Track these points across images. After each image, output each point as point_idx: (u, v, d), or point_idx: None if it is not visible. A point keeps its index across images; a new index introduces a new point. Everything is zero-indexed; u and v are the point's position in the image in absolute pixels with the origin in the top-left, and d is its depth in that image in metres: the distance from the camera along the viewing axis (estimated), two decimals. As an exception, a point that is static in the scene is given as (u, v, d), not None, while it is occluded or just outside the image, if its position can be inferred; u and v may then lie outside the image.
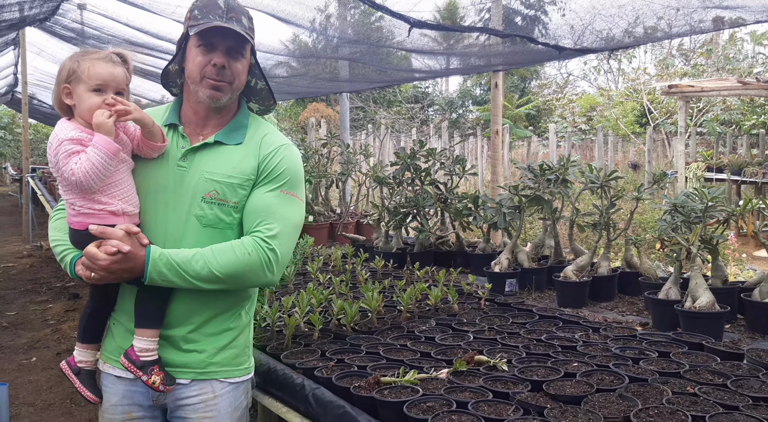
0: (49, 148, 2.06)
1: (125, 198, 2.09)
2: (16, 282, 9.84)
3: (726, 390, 2.41)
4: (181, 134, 2.22)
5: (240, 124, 2.27)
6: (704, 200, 3.49)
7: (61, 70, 2.12)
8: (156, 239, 2.12)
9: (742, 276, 6.98)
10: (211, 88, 2.14)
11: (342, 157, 7.27)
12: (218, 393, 2.22)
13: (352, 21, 6.19)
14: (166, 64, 2.32)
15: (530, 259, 4.50)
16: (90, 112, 2.07)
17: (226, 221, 2.16)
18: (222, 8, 2.11)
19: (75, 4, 6.97)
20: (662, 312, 3.49)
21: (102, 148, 1.99)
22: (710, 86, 14.41)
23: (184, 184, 2.16)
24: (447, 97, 37.31)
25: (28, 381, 5.72)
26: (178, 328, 2.17)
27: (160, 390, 2.09)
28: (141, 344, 2.11)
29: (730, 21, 4.44)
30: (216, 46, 2.12)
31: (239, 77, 2.19)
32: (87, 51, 2.16)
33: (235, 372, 2.27)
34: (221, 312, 2.22)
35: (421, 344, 3.05)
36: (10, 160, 26.73)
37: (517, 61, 6.89)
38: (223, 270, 2.06)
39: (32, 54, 12.55)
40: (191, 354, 2.19)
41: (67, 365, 2.27)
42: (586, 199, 12.16)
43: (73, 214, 2.08)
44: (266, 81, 2.34)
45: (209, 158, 2.18)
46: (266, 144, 2.24)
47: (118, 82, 2.11)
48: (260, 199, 2.17)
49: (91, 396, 2.24)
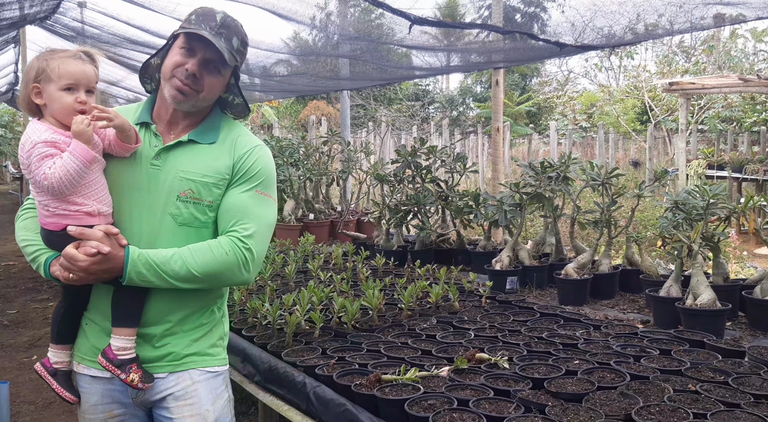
0: (21, 149, 2.03)
1: (99, 198, 2.08)
2: (17, 280, 9.84)
3: (727, 388, 2.41)
4: (154, 132, 2.22)
5: (213, 125, 2.27)
6: (705, 197, 3.48)
7: (28, 70, 2.10)
8: (131, 238, 2.12)
9: (744, 273, 6.97)
10: (176, 90, 2.13)
11: (343, 155, 7.27)
12: (197, 380, 2.23)
13: (352, 19, 6.18)
14: (148, 57, 2.32)
15: (531, 257, 4.50)
16: (63, 110, 2.05)
17: (201, 220, 2.18)
18: (216, 22, 2.12)
19: (75, 3, 6.96)
20: (663, 309, 3.48)
21: (79, 156, 1.97)
22: (711, 83, 14.38)
23: (158, 182, 2.16)
24: (448, 95, 37.28)
25: (29, 380, 5.72)
26: (155, 326, 2.18)
27: (139, 387, 2.09)
28: (118, 343, 2.11)
29: (731, 18, 4.43)
30: (195, 54, 2.12)
31: (210, 91, 2.18)
32: (54, 49, 2.14)
33: (212, 361, 2.29)
34: (196, 310, 2.24)
35: (422, 342, 3.05)
36: (11, 159, 26.71)
37: (517, 58, 6.88)
38: (201, 269, 2.08)
39: (33, 52, 12.54)
40: (166, 348, 2.20)
41: (42, 366, 2.26)
42: (587, 196, 12.14)
43: (47, 215, 2.06)
44: (243, 98, 2.36)
45: (184, 157, 2.19)
46: (240, 144, 2.25)
47: (89, 79, 2.10)
48: (236, 198, 2.19)
49: (70, 396, 2.24)
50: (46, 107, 2.08)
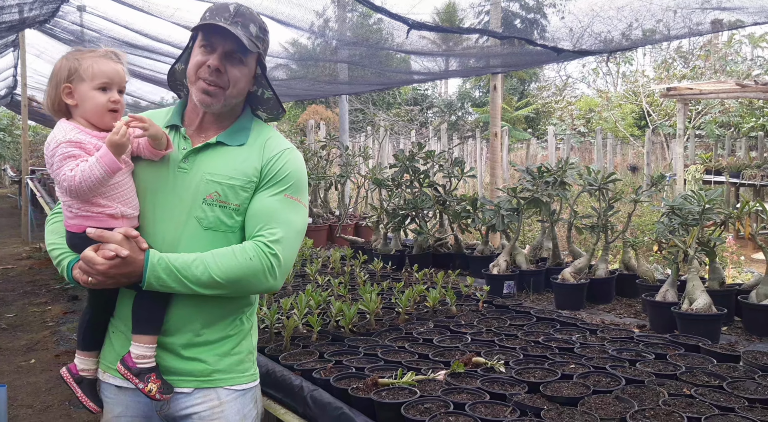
0: (47, 149, 2.01)
1: (125, 200, 2.05)
2: (15, 283, 9.84)
3: (722, 392, 2.42)
4: (183, 135, 2.18)
5: (243, 126, 2.22)
6: (701, 203, 3.50)
7: (58, 70, 2.06)
8: (154, 242, 2.08)
9: (741, 278, 6.98)
10: (203, 92, 2.10)
11: (341, 159, 7.29)
12: (224, 400, 2.15)
13: (350, 23, 6.20)
14: (172, 64, 2.29)
15: (528, 261, 4.51)
16: (95, 110, 2.03)
17: (228, 224, 2.11)
18: (230, 12, 2.08)
19: (75, 6, 6.98)
20: (659, 314, 3.50)
21: (104, 165, 1.93)
22: (709, 89, 14.42)
23: (185, 185, 2.11)
24: (446, 99, 37.33)
25: (26, 383, 5.72)
26: (178, 335, 2.11)
27: (157, 398, 2.02)
28: (138, 350, 2.05)
29: (729, 23, 4.45)
30: (215, 48, 2.08)
31: (236, 85, 2.13)
32: (81, 49, 2.11)
33: (240, 378, 2.21)
34: (221, 319, 2.16)
35: (419, 346, 3.06)
36: (10, 162, 26.71)
37: (515, 63, 6.90)
38: (223, 275, 2.01)
39: (32, 56, 12.57)
40: (193, 363, 2.12)
41: (68, 372, 2.21)
42: (584, 201, 12.17)
43: (71, 217, 2.03)
44: (273, 90, 2.29)
45: (210, 159, 2.14)
46: (270, 147, 2.19)
47: (121, 78, 2.08)
48: (263, 202, 2.12)
49: (93, 405, 2.19)
50: (77, 107, 2.05)
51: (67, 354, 6.43)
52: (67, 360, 6.27)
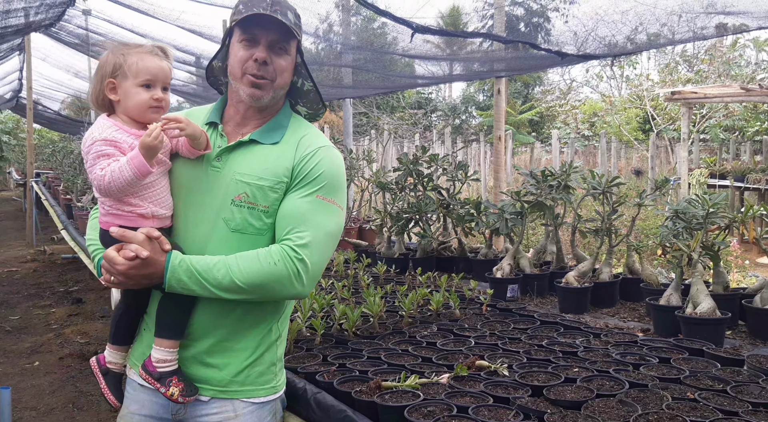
0: (84, 145, 1.99)
1: (157, 200, 2.02)
2: (20, 286, 9.87)
3: (726, 396, 2.41)
4: (220, 133, 2.13)
5: (279, 124, 2.15)
6: (705, 206, 3.50)
7: (104, 65, 2.03)
8: (183, 242, 2.05)
9: (745, 282, 6.98)
10: (252, 86, 2.04)
11: (345, 163, 7.29)
12: (240, 413, 2.09)
13: (355, 28, 6.22)
14: (209, 60, 2.25)
15: (532, 265, 4.51)
16: (138, 107, 2.01)
17: (256, 226, 2.04)
18: (267, 2, 2.01)
19: (80, 10, 7.02)
20: (663, 318, 3.49)
21: (134, 168, 1.90)
22: (713, 92, 14.40)
23: (216, 185, 2.06)
24: (450, 103, 37.35)
25: (30, 386, 5.73)
26: (201, 341, 2.07)
27: (179, 401, 2.01)
28: (158, 354, 2.02)
29: (733, 27, 4.46)
30: (258, 40, 2.03)
31: (282, 75, 2.08)
32: (128, 44, 2.08)
33: (258, 391, 2.13)
34: (248, 327, 2.09)
35: (423, 349, 3.06)
36: (15, 165, 26.78)
37: (519, 67, 6.92)
38: (245, 279, 1.93)
39: (37, 59, 12.63)
40: (212, 370, 2.07)
41: (97, 362, 2.20)
42: (588, 205, 12.15)
43: (103, 214, 2.02)
44: (314, 82, 2.23)
45: (242, 158, 2.07)
46: (304, 145, 2.10)
47: (165, 76, 2.05)
48: (293, 204, 2.03)
49: (113, 399, 2.18)
50: (120, 103, 2.03)
51: (71, 356, 6.45)
52: (71, 362, 6.29)
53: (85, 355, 6.38)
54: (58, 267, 11.23)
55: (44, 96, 16.49)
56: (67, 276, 10.45)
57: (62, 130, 22.71)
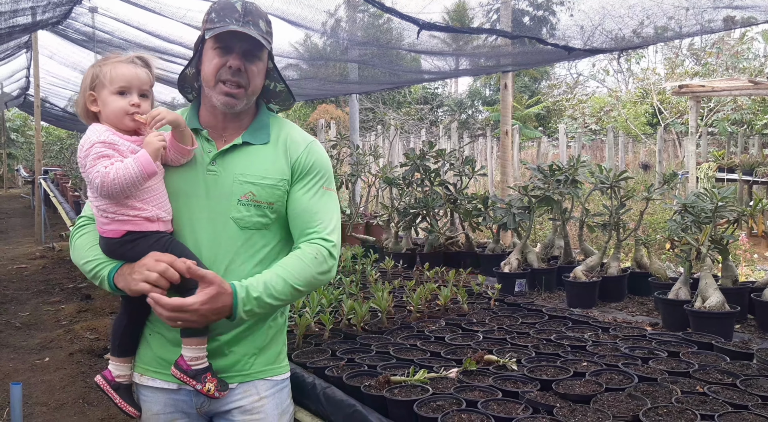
0: (80, 150, 2.01)
1: (158, 204, 2.05)
2: (29, 283, 9.92)
3: (735, 390, 2.41)
4: (206, 138, 2.19)
5: (263, 123, 2.26)
6: (714, 200, 3.49)
7: (84, 79, 2.09)
8: (192, 246, 2.10)
9: (754, 276, 6.95)
10: (226, 95, 2.11)
11: (351, 159, 7.29)
12: (263, 395, 2.22)
13: (361, 24, 6.21)
14: (183, 68, 2.29)
15: (540, 260, 4.51)
16: (115, 114, 2.03)
17: (263, 222, 2.16)
18: (239, 12, 2.08)
19: (87, 8, 7.03)
20: (672, 312, 3.49)
21: (142, 165, 1.94)
22: (721, 86, 14.34)
23: (217, 188, 2.14)
24: (456, 98, 37.30)
25: (41, 381, 5.77)
26: (224, 334, 2.16)
27: (216, 396, 2.06)
28: (190, 353, 2.06)
29: (742, 20, 4.42)
30: (232, 49, 2.09)
31: (254, 81, 2.15)
32: (108, 56, 2.13)
33: (278, 369, 2.29)
34: (265, 316, 2.21)
35: (431, 344, 3.06)
36: (23, 162, 26.91)
37: (526, 62, 6.90)
38: (302, 281, 2.10)
39: (44, 57, 12.65)
40: (235, 357, 2.18)
41: (104, 380, 2.21)
42: (596, 199, 12.13)
43: (106, 222, 2.03)
44: (285, 83, 2.33)
45: (240, 160, 2.17)
46: (295, 142, 2.25)
47: (141, 81, 2.07)
48: (305, 200, 2.19)
49: (132, 410, 2.20)
50: (101, 114, 2.06)
51: (81, 352, 6.48)
52: (80, 358, 6.33)
53: (94, 351, 6.41)
54: (66, 263, 11.27)
55: (51, 93, 16.53)
56: (75, 272, 10.50)
57: (69, 128, 22.77)
